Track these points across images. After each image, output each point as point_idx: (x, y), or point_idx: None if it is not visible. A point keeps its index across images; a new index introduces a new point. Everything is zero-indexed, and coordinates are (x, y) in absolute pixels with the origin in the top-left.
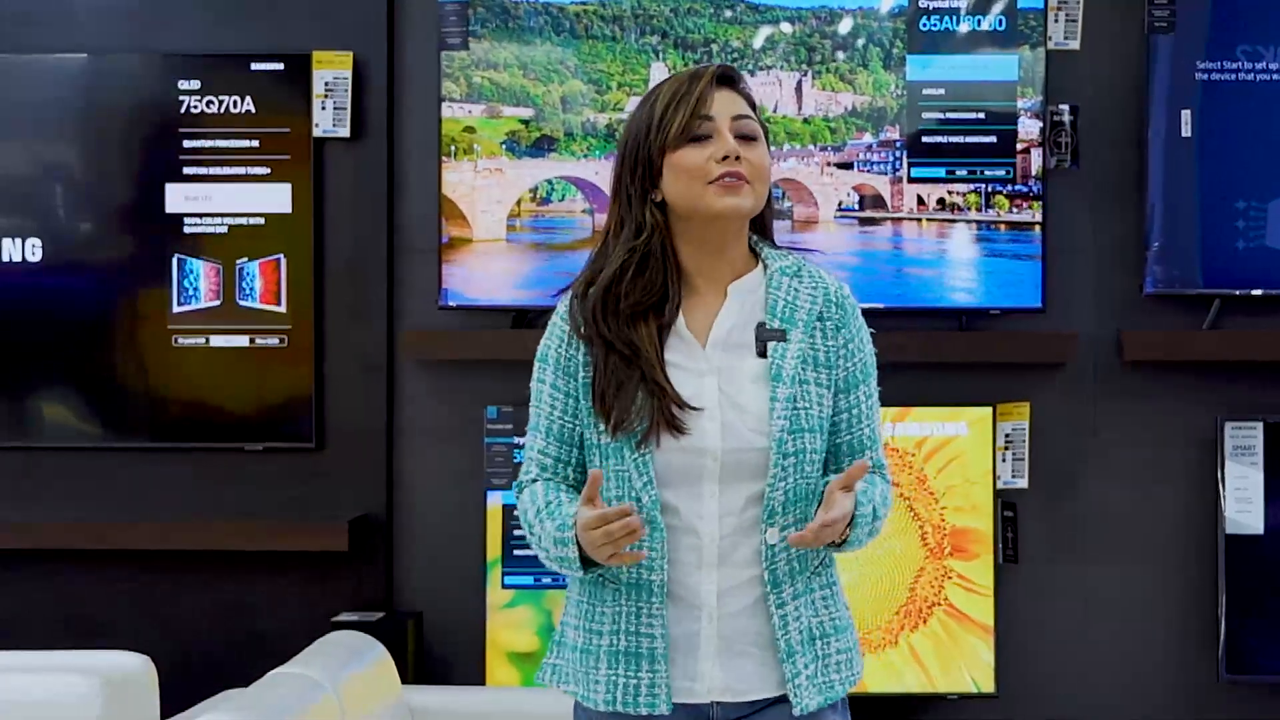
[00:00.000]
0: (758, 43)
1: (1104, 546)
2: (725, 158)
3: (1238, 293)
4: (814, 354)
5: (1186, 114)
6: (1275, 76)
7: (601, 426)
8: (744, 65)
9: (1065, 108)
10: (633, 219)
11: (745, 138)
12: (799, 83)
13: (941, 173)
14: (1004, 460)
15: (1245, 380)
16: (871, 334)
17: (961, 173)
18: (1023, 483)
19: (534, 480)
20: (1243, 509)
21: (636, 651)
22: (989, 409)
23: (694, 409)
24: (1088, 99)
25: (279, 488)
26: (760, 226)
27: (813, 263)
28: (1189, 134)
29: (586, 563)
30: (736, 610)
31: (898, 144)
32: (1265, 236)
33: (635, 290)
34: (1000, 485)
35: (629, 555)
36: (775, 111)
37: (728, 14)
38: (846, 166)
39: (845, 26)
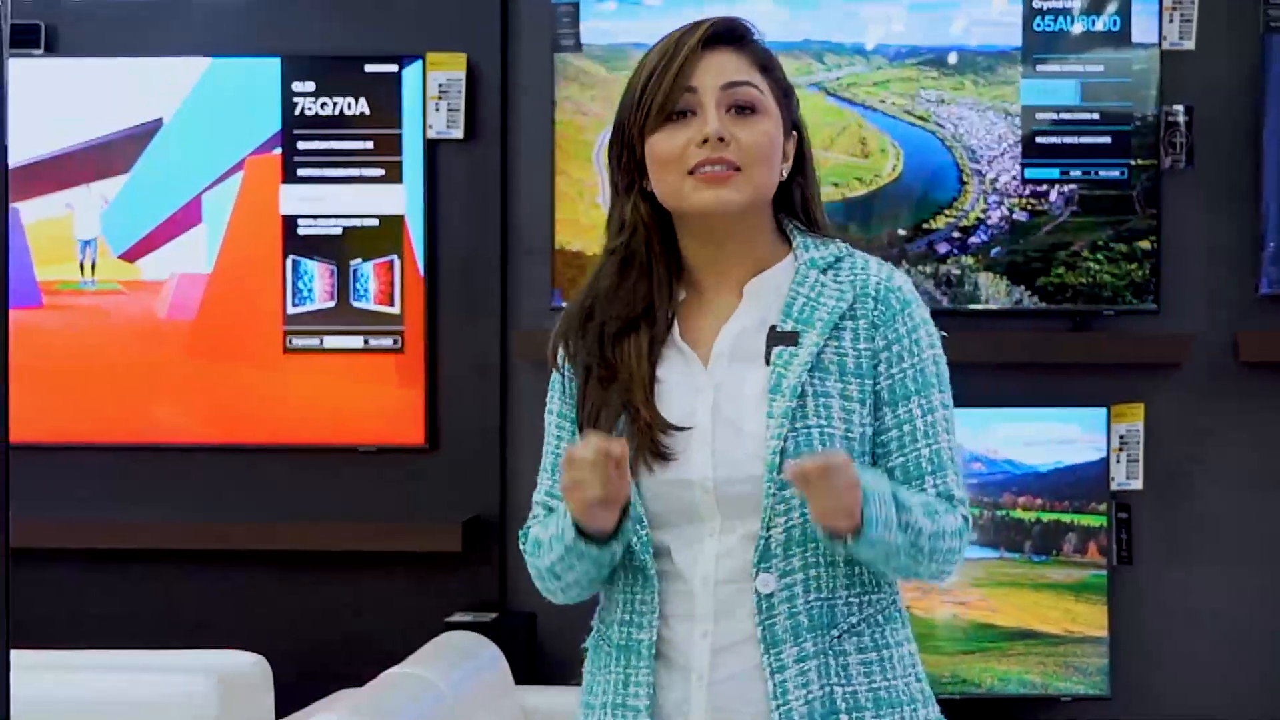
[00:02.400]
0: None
1: (1219, 549)
2: (705, 141)
3: None
4: (839, 359)
5: None
6: None
7: None
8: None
9: (1180, 108)
10: (618, 214)
11: (740, 109)
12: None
13: (1055, 174)
14: (1118, 462)
15: None
16: (942, 337)
17: (1075, 173)
18: (1137, 484)
19: (539, 520)
20: None
21: (618, 704)
22: (1103, 410)
23: (678, 429)
24: (1202, 99)
25: (392, 488)
26: (791, 206)
27: (861, 253)
28: None
29: (589, 538)
30: (732, 674)
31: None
32: None
33: (616, 302)
34: (1114, 487)
35: (585, 495)
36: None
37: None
38: None
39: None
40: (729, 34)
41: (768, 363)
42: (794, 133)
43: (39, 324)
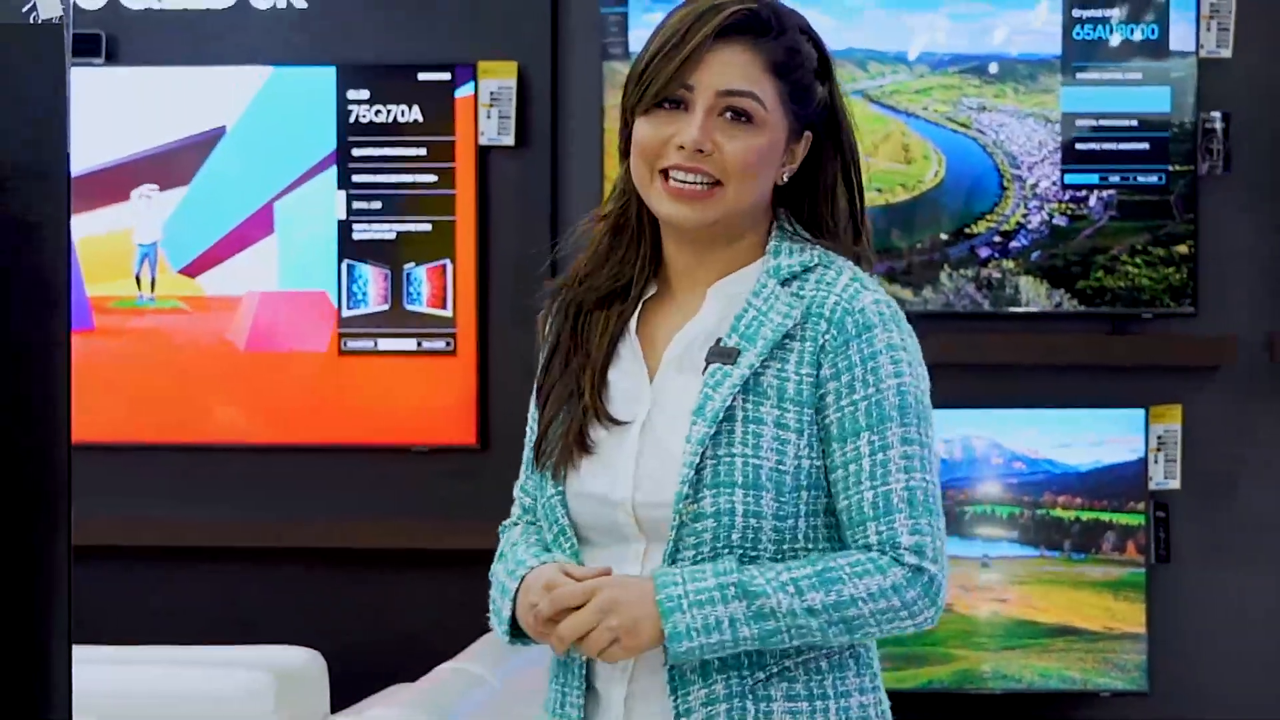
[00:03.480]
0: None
1: (1256, 549)
2: (681, 147)
3: None
4: (779, 383)
5: None
6: None
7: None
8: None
9: (1217, 115)
10: (619, 179)
11: (734, 114)
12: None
13: (1095, 179)
14: (1156, 462)
15: None
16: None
17: (1114, 179)
18: (1175, 484)
19: (515, 523)
20: None
21: None
22: (1142, 411)
23: (617, 422)
24: (1239, 106)
25: (444, 488)
26: (798, 206)
27: (843, 263)
28: None
29: (516, 629)
30: (648, 712)
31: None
32: None
33: (602, 273)
34: (1152, 487)
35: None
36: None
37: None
38: None
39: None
40: (747, 25)
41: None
42: (803, 141)
43: (93, 336)
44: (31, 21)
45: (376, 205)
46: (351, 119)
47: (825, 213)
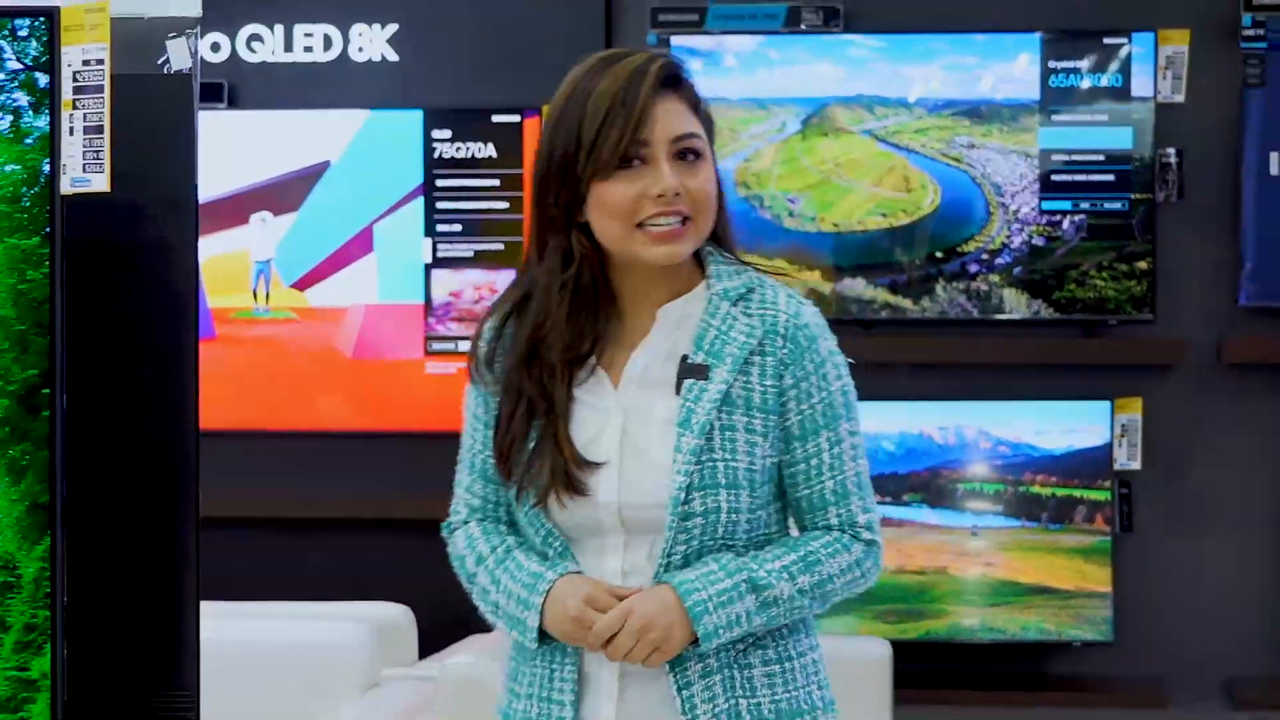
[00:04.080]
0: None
1: (1208, 521)
2: (660, 194)
3: None
4: (746, 395)
5: (1275, 155)
6: None
7: (500, 473)
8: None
9: (1172, 151)
10: (558, 245)
11: (687, 155)
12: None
13: (1068, 205)
14: (1119, 446)
15: None
16: (850, 364)
17: (1084, 205)
18: (1136, 465)
19: (465, 521)
20: None
21: (545, 716)
22: (1107, 403)
23: (592, 464)
24: (1191, 144)
25: None
26: (715, 237)
27: (773, 283)
28: (1276, 172)
29: (542, 633)
30: (642, 692)
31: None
32: None
33: (566, 334)
34: (1117, 467)
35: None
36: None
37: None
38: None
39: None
40: (674, 78)
41: (678, 393)
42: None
43: (215, 343)
44: (166, 72)
45: (457, 228)
46: (436, 154)
47: (725, 233)
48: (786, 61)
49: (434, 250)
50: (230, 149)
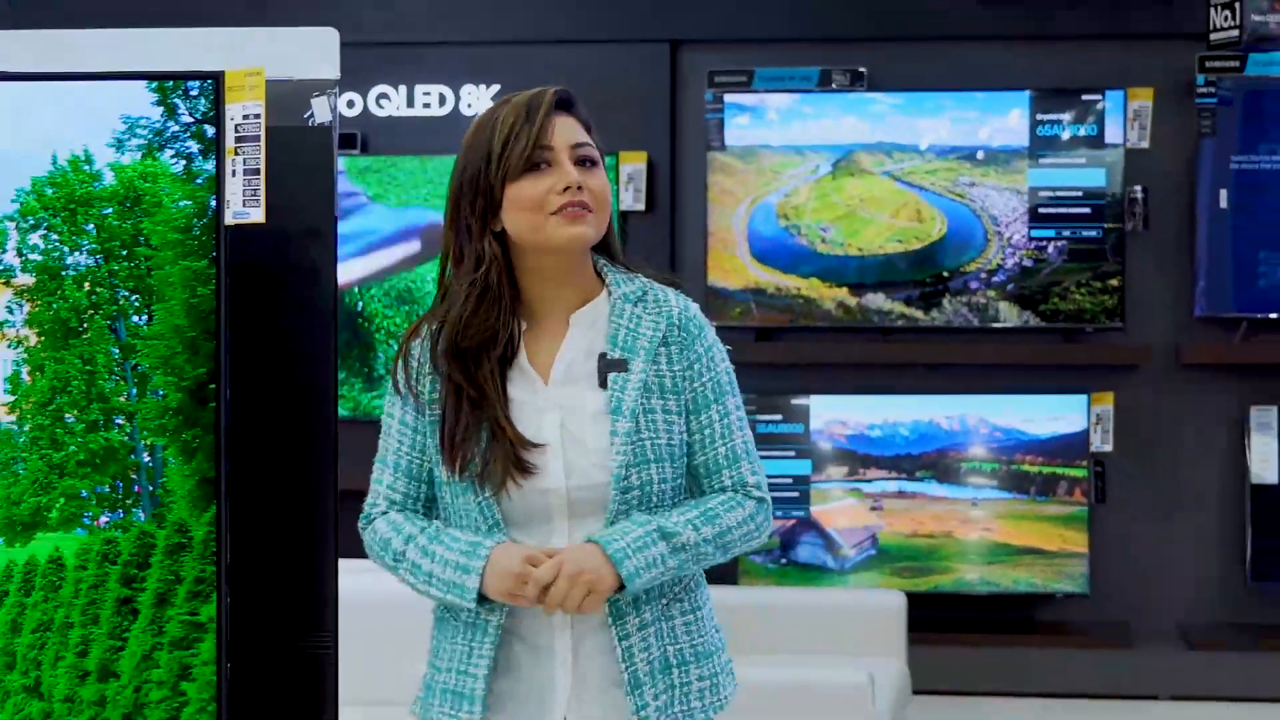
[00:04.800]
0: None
1: (1168, 494)
2: (567, 188)
3: (1260, 316)
4: (659, 381)
5: (1224, 192)
6: None
7: (447, 468)
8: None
9: (1139, 188)
10: (472, 251)
11: (585, 161)
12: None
13: (1052, 233)
14: (1095, 432)
15: (1266, 377)
16: (728, 350)
17: (1066, 233)
18: (1109, 448)
19: (385, 512)
20: (1263, 466)
21: (459, 690)
22: (1085, 396)
23: (536, 446)
24: (1154, 183)
25: None
26: (606, 249)
27: (659, 285)
28: (1225, 206)
29: (484, 600)
30: (590, 648)
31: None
32: (1277, 276)
33: (474, 326)
34: (1093, 449)
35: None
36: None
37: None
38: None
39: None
40: (566, 101)
41: (603, 386)
42: None
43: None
44: (310, 125)
45: None
46: None
47: (615, 245)
48: (819, 115)
49: None
50: (363, 188)
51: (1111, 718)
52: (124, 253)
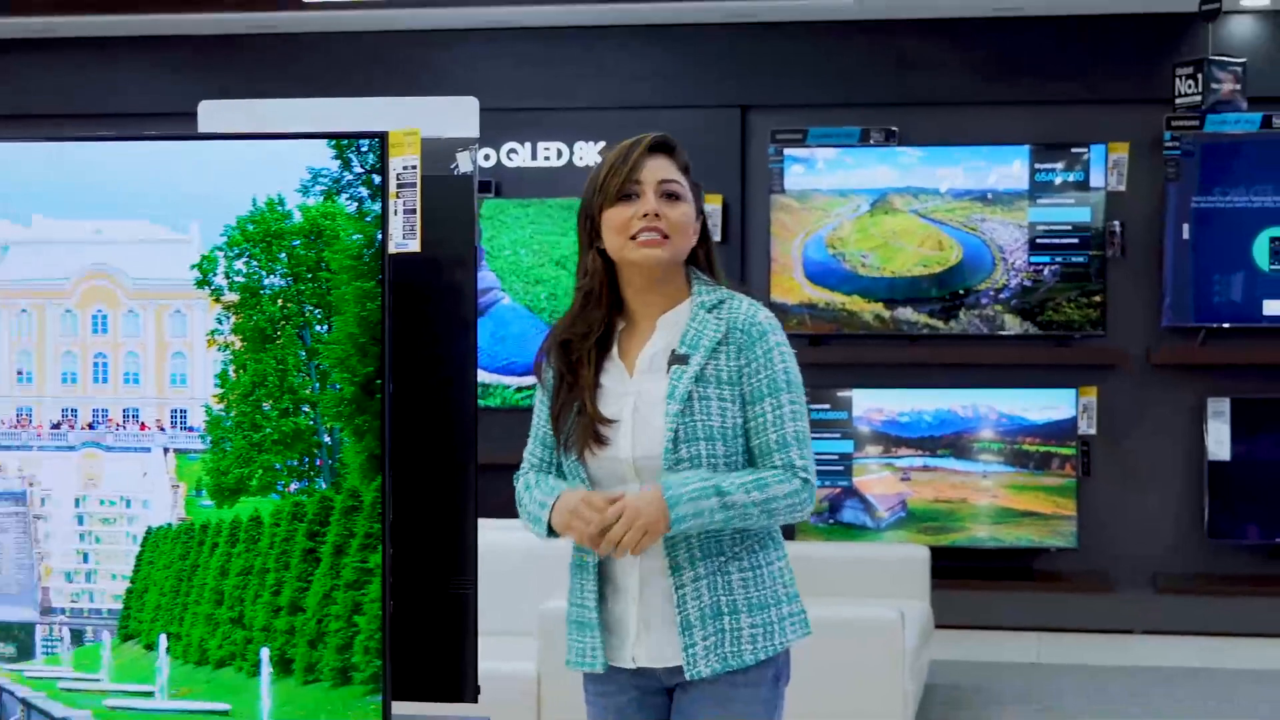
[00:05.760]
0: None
1: (1140, 469)
2: (645, 215)
3: (1215, 325)
4: (716, 373)
5: (1186, 226)
6: (1237, 204)
7: (556, 438)
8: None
9: (1117, 223)
10: (583, 265)
11: (670, 196)
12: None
13: (1047, 259)
14: (1082, 419)
15: (1220, 375)
16: (794, 354)
17: (1058, 259)
18: (1093, 431)
19: (526, 472)
20: (1218, 446)
21: (581, 621)
22: (1074, 390)
23: (610, 421)
24: (1130, 219)
25: None
26: (708, 266)
27: (739, 295)
28: (1187, 237)
29: (551, 530)
30: (654, 591)
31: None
32: (1231, 294)
33: (577, 325)
34: (1080, 432)
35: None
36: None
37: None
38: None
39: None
40: (663, 145)
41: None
42: (700, 217)
43: None
44: (455, 174)
45: None
46: None
47: (714, 264)
48: (859, 165)
49: None
50: (497, 227)
51: (1095, 649)
52: (309, 276)
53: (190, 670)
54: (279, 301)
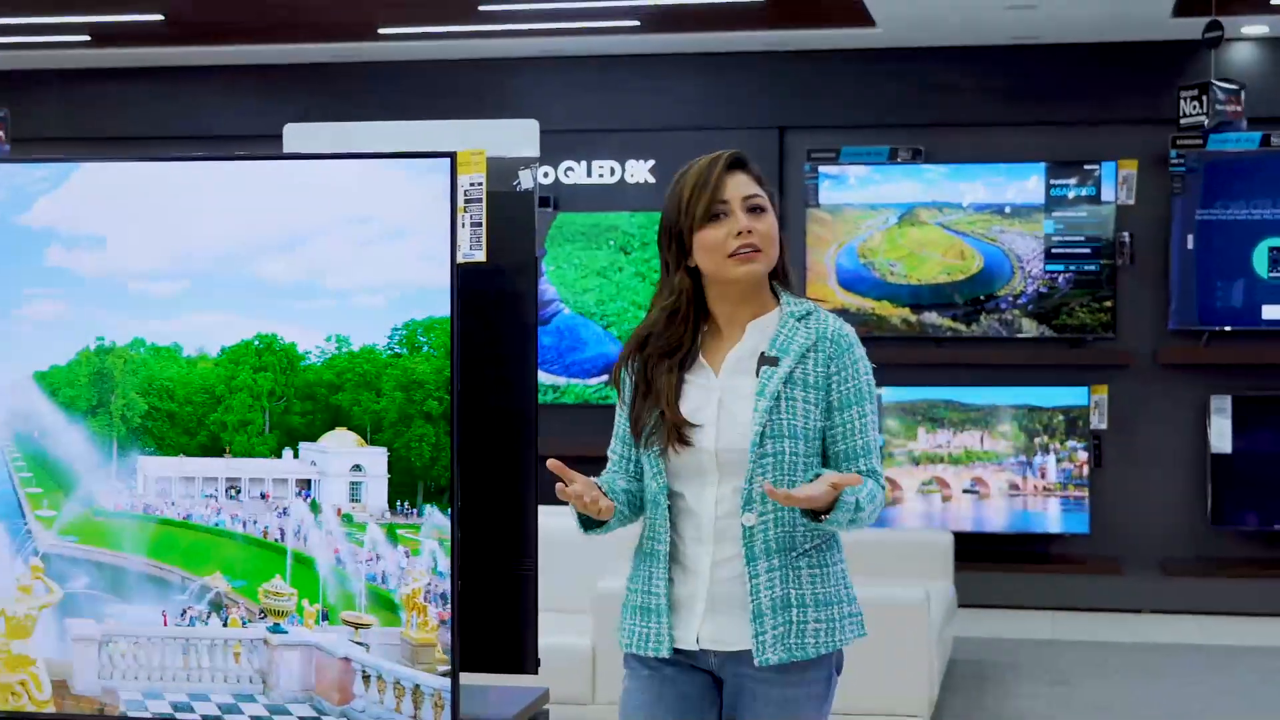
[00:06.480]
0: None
1: (1148, 460)
2: (740, 234)
3: (1217, 328)
4: (804, 377)
5: (1190, 237)
6: (1238, 217)
7: (635, 440)
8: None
9: (1127, 234)
10: (669, 283)
11: (755, 209)
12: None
13: (1062, 267)
14: (1094, 414)
15: (1222, 374)
16: (875, 368)
17: (1072, 268)
18: (1104, 425)
19: (607, 471)
20: (1220, 439)
21: (646, 606)
22: (1086, 388)
23: (694, 425)
24: (1139, 230)
25: None
26: (783, 276)
27: (823, 310)
28: (1191, 247)
29: (589, 525)
30: (725, 577)
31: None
32: (1232, 299)
33: (661, 339)
34: (1092, 426)
35: (595, 507)
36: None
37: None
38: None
39: (1011, 196)
40: (739, 162)
41: (757, 375)
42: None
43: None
44: (517, 190)
45: None
46: None
47: (790, 275)
48: (888, 181)
49: None
50: (554, 237)
51: (1106, 626)
52: None
53: None
54: None
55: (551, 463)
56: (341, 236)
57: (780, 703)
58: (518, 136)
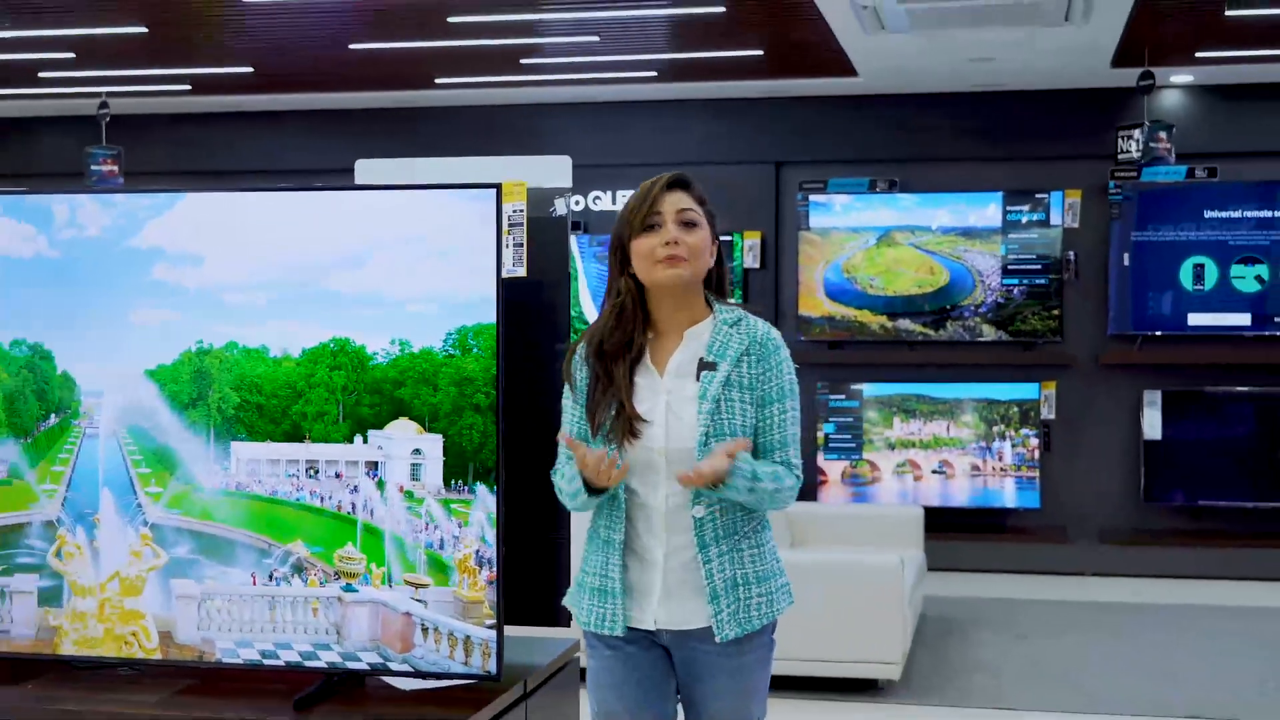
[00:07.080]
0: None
1: (1091, 445)
2: (667, 243)
3: (1149, 333)
4: (739, 379)
5: (1126, 255)
6: (1167, 238)
7: (590, 431)
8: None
9: (1072, 253)
10: (614, 286)
11: (687, 224)
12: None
13: (1016, 281)
14: (1044, 406)
15: (1153, 373)
16: (798, 369)
17: (1025, 282)
18: (1053, 416)
19: (559, 466)
20: (1151, 429)
21: (603, 589)
22: (1037, 384)
23: (645, 420)
24: (1082, 250)
25: None
26: (719, 288)
27: (752, 315)
28: (1127, 264)
29: (592, 491)
30: (678, 564)
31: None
32: (1162, 308)
33: (612, 337)
34: (1042, 417)
35: (608, 474)
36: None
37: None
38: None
39: (974, 221)
40: (679, 182)
41: (698, 379)
42: (716, 241)
43: None
44: (552, 216)
45: None
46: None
47: (726, 286)
48: (868, 208)
49: None
50: (585, 256)
51: (1054, 587)
52: None
53: None
54: None
55: (566, 439)
56: (403, 255)
57: (732, 671)
58: (553, 170)
